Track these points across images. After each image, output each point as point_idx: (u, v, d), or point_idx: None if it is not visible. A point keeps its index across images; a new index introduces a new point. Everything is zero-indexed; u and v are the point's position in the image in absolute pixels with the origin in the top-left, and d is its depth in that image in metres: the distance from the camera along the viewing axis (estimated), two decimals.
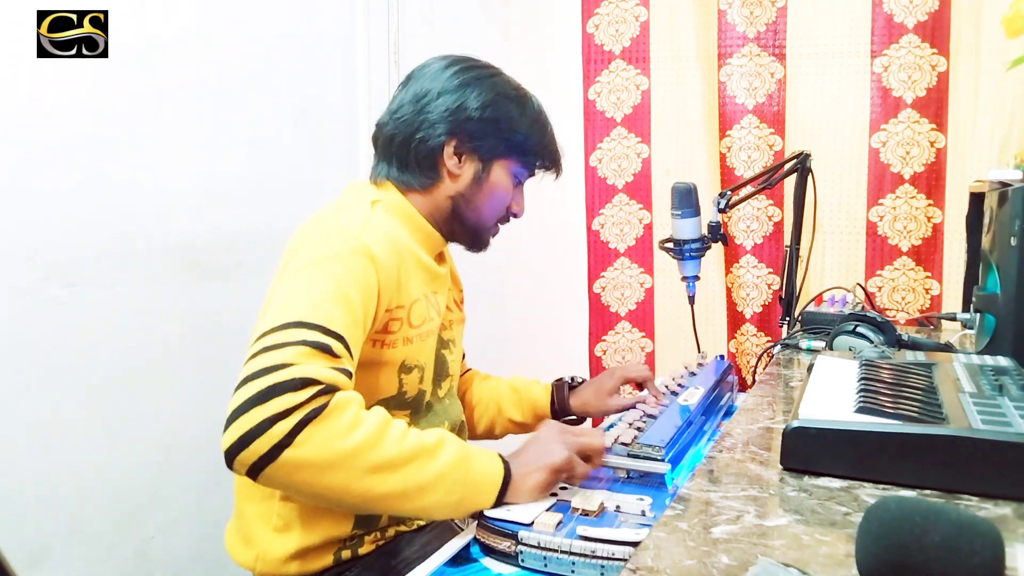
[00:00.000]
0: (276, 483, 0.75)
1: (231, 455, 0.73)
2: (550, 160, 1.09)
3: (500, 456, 0.87)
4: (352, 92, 1.65)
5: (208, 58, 1.32)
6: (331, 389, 0.76)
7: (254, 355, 0.76)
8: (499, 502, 0.84)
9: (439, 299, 1.06)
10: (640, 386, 1.27)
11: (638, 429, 1.04)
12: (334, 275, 0.85)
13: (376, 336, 0.93)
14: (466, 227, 1.06)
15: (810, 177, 1.59)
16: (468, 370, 1.32)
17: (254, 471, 0.73)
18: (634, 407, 1.16)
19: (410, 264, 0.97)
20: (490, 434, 1.28)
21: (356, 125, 1.66)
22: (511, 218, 1.11)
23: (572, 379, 1.28)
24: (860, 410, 0.79)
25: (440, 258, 1.11)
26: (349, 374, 0.80)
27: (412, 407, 1.00)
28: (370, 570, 0.97)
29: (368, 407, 0.81)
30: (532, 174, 1.10)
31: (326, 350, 0.78)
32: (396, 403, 0.97)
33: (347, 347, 0.81)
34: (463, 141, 1.01)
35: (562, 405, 1.25)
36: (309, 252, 0.88)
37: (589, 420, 1.35)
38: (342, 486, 0.76)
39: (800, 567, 0.56)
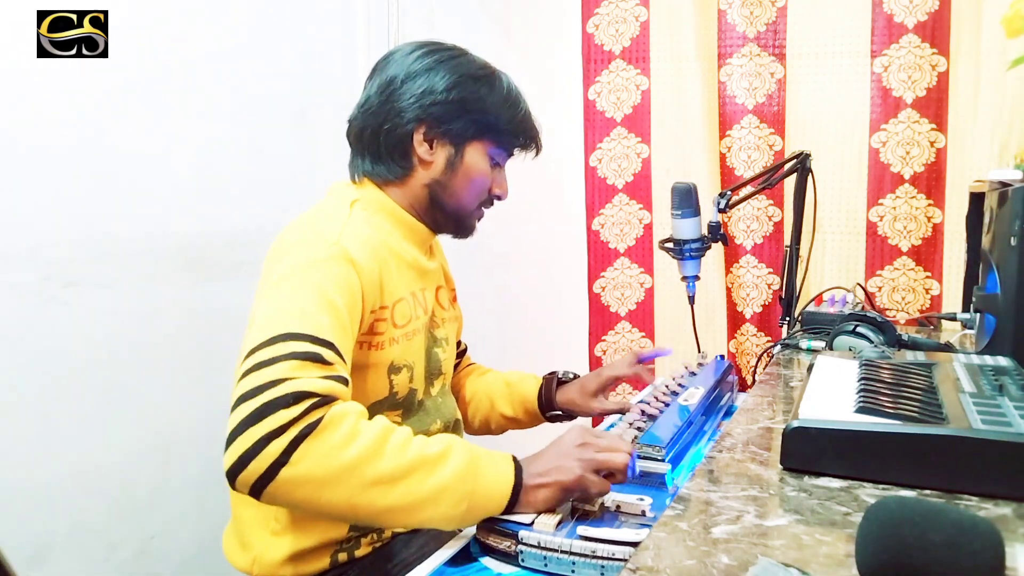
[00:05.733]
0: (279, 501, 0.74)
1: (232, 477, 0.72)
2: (526, 138, 1.07)
3: (515, 460, 0.83)
4: (352, 92, 1.64)
5: (208, 58, 1.32)
6: (326, 400, 0.74)
7: (246, 373, 0.75)
8: (510, 510, 0.81)
9: (427, 295, 1.05)
10: (637, 383, 1.26)
11: (638, 429, 1.04)
12: (316, 283, 0.84)
13: (363, 339, 0.92)
14: (447, 214, 1.05)
15: (810, 177, 1.59)
16: (469, 364, 1.31)
17: (256, 491, 0.72)
18: (620, 413, 1.15)
19: (392, 264, 0.96)
20: (486, 429, 1.27)
21: None
22: (495, 201, 1.09)
23: (564, 374, 1.26)
24: (860, 410, 0.78)
25: (429, 252, 1.10)
26: (344, 380, 0.79)
27: (403, 407, 1.00)
28: (367, 573, 0.97)
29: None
30: (511, 154, 1.08)
31: (317, 359, 0.77)
32: (388, 404, 0.97)
33: (338, 353, 0.80)
34: (432, 126, 0.99)
35: (548, 399, 1.23)
36: (289, 261, 0.87)
37: (600, 419, 1.33)
38: (343, 501, 0.74)
39: (800, 567, 0.56)
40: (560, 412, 1.24)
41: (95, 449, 1.17)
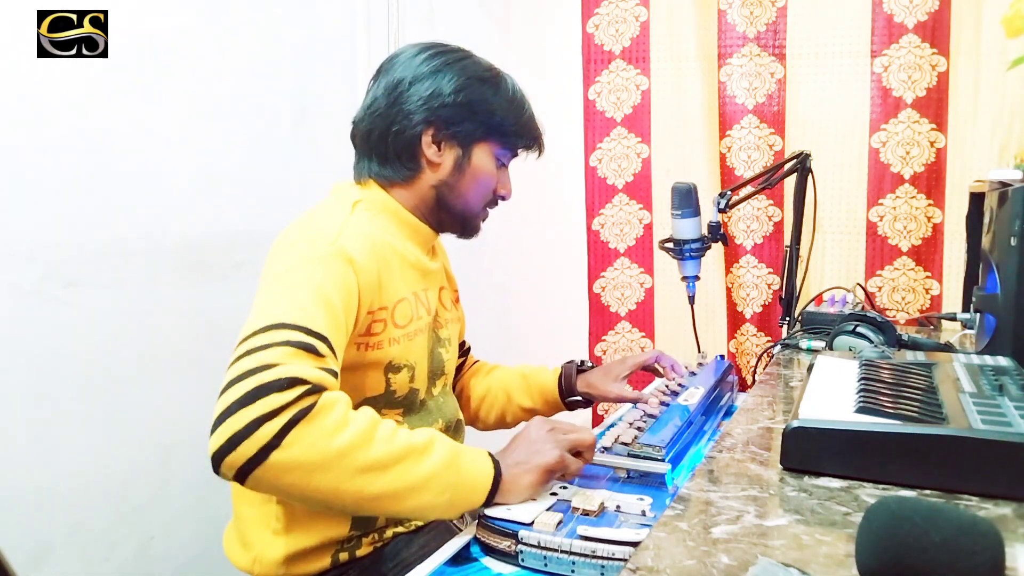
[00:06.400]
0: (264, 486, 0.74)
1: (218, 459, 0.71)
2: (530, 139, 1.08)
3: (490, 455, 0.86)
4: (352, 92, 1.65)
5: (208, 58, 1.32)
6: (318, 388, 0.75)
7: (238, 358, 0.75)
8: (490, 502, 0.83)
9: (430, 296, 1.05)
10: (655, 373, 1.27)
11: (638, 429, 1.04)
12: (314, 278, 0.84)
13: (359, 339, 0.92)
14: (453, 215, 1.05)
15: (810, 177, 1.59)
16: (476, 362, 1.32)
17: (242, 474, 0.71)
18: (634, 405, 1.15)
19: (393, 264, 0.97)
20: (502, 423, 1.28)
21: None
22: (499, 201, 1.09)
23: (582, 362, 1.27)
24: (860, 410, 0.79)
25: (431, 252, 1.10)
26: (335, 374, 0.80)
27: (404, 406, 1.00)
28: (367, 572, 0.97)
29: (355, 406, 0.80)
30: (515, 155, 1.09)
31: (310, 350, 0.77)
32: (385, 402, 0.97)
33: (331, 348, 0.80)
34: (440, 128, 1.00)
35: (569, 386, 1.24)
36: (288, 258, 0.88)
37: (588, 414, 1.34)
38: (331, 487, 0.74)
39: (800, 567, 0.56)
40: (579, 398, 1.25)
41: (95, 449, 1.17)
